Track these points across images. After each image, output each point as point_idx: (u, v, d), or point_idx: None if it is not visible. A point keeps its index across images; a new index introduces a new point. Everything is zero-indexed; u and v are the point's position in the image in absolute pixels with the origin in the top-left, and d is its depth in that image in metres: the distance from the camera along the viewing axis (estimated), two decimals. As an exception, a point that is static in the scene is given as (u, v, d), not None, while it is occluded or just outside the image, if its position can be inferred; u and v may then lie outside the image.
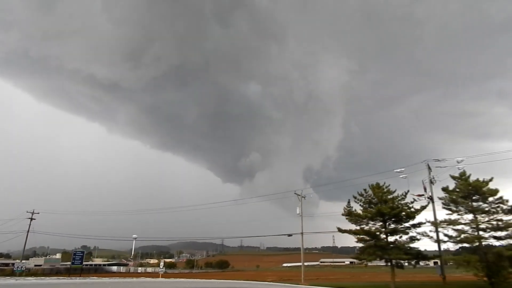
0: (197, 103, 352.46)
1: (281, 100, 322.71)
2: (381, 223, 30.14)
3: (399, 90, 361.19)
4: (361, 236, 29.46)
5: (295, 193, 42.31)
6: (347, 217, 30.60)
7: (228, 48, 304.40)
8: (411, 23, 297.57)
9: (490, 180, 25.97)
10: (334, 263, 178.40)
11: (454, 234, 25.69)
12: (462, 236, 25.30)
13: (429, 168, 32.15)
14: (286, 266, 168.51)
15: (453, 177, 27.15)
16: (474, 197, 26.13)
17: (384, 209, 28.23)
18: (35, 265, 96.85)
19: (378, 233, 29.52)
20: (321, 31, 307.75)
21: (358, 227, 30.48)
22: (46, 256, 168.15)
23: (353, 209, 30.87)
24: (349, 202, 31.09)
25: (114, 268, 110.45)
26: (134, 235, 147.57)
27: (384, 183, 31.23)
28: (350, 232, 29.80)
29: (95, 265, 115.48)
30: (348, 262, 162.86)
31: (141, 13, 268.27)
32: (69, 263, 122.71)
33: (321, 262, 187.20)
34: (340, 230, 30.42)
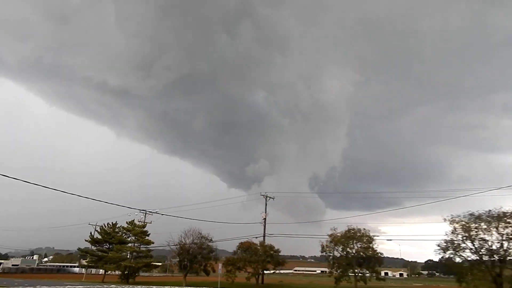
0: (205, 110, 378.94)
1: (287, 108, 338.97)
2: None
3: (403, 102, 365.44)
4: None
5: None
6: (87, 240, 51.61)
7: (235, 57, 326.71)
8: (414, 36, 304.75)
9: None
10: (306, 272, 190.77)
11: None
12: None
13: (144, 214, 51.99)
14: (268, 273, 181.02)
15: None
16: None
17: (103, 237, 48.96)
18: (12, 265, 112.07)
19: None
20: (324, 42, 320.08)
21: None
22: (45, 256, 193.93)
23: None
24: (92, 234, 52.02)
25: (76, 269, 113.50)
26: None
27: (117, 222, 51.93)
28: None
29: (58, 266, 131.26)
30: (319, 271, 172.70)
31: (153, 26, 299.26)
32: (60, 264, 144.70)
33: (294, 270, 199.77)
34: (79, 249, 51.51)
